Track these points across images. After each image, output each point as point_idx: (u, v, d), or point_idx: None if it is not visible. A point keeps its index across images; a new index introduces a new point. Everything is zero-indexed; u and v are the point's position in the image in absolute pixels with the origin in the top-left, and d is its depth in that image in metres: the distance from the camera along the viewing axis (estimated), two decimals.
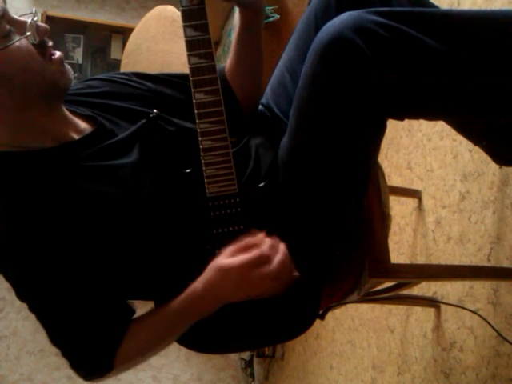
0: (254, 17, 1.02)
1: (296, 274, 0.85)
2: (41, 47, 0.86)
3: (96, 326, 0.89)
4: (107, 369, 0.90)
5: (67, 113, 0.93)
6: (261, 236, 0.84)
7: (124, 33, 3.31)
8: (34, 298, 0.89)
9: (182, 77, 1.07)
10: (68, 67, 0.90)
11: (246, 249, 0.83)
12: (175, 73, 1.09)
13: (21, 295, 0.89)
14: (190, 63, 0.87)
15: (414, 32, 0.79)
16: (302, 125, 0.88)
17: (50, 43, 0.88)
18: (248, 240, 0.84)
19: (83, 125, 0.95)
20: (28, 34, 0.84)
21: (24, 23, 0.85)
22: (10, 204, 0.87)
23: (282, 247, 0.83)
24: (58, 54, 0.88)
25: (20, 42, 0.83)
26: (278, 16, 2.25)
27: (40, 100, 0.87)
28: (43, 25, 0.86)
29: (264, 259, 0.82)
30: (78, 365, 0.90)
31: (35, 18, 0.85)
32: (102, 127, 0.94)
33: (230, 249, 0.85)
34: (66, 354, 0.90)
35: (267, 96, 1.15)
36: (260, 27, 1.05)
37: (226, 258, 0.84)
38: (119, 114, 0.98)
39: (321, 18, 1.03)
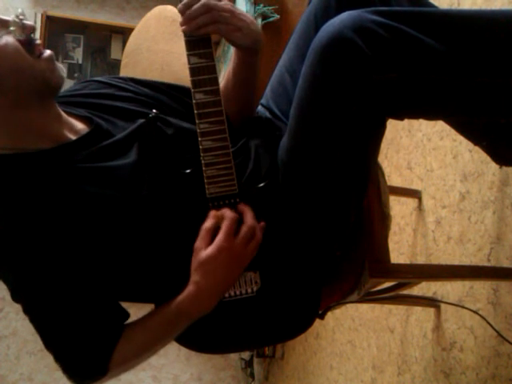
0: (251, 57, 0.99)
1: (262, 223, 0.90)
2: (28, 45, 0.85)
3: (91, 329, 0.89)
4: (101, 373, 0.89)
5: (63, 113, 0.93)
6: (216, 212, 0.88)
7: (124, 33, 3.31)
8: (29, 300, 0.88)
9: (181, 91, 1.06)
10: (59, 65, 0.89)
11: (213, 230, 0.87)
12: (174, 84, 1.09)
13: (16, 296, 0.89)
14: (189, 63, 0.87)
15: (413, 32, 0.79)
16: (302, 125, 0.88)
17: (38, 41, 0.87)
18: (209, 222, 0.88)
19: (80, 125, 0.94)
20: (12, 29, 0.84)
21: (8, 22, 0.85)
22: (6, 206, 0.86)
23: (241, 206, 0.89)
24: (47, 52, 0.87)
25: (6, 39, 0.83)
26: (278, 16, 2.25)
27: (32, 99, 0.86)
28: (29, 22, 0.86)
29: (234, 225, 0.87)
30: (71, 369, 0.90)
31: (20, 17, 0.85)
32: (98, 127, 0.94)
33: (199, 241, 0.87)
34: (59, 357, 0.90)
35: (267, 96, 1.15)
36: (256, 65, 1.02)
37: (202, 250, 0.86)
38: (116, 113, 0.98)
39: (321, 17, 1.03)
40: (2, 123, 0.86)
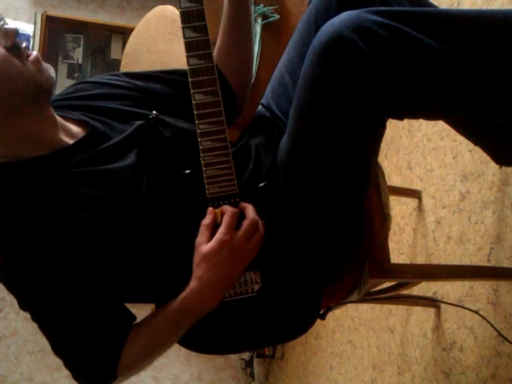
0: None
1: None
2: (15, 50, 0.84)
3: (97, 334, 0.89)
4: (111, 377, 0.90)
5: (58, 117, 0.92)
6: (215, 209, 0.88)
7: (124, 33, 3.31)
8: (35, 308, 0.88)
9: (175, 72, 1.07)
10: (47, 65, 0.88)
11: (211, 225, 0.87)
12: (166, 69, 1.09)
13: (23, 305, 0.89)
14: (189, 64, 0.87)
15: (413, 32, 0.79)
16: (302, 125, 0.88)
17: (24, 44, 0.86)
18: (207, 218, 0.88)
19: (76, 129, 0.94)
20: None
21: None
22: (7, 215, 0.86)
23: (242, 203, 0.89)
24: (34, 54, 0.86)
25: None
26: (278, 16, 2.24)
27: (27, 105, 0.85)
28: (11, 27, 0.84)
29: (234, 219, 0.87)
30: (81, 375, 0.90)
31: (1, 22, 0.84)
32: (94, 131, 0.93)
33: (199, 237, 0.87)
34: (69, 364, 0.90)
35: (267, 96, 1.15)
36: (248, 5, 1.03)
37: (203, 245, 0.86)
38: (112, 115, 0.97)
39: (321, 17, 1.03)
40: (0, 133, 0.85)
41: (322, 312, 1.04)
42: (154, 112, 0.95)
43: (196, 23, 0.86)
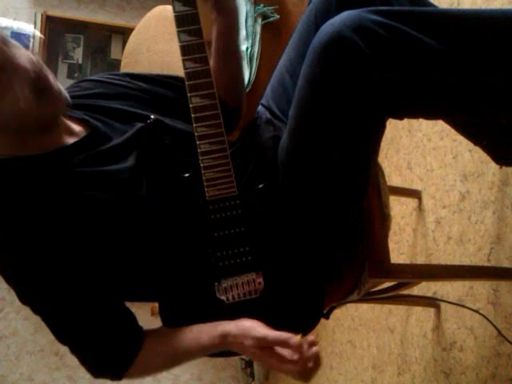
0: (230, 21, 1.01)
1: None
2: (39, 93, 0.81)
3: (113, 331, 0.90)
4: (123, 369, 0.91)
5: (59, 117, 0.92)
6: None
7: (124, 33, 3.31)
8: (37, 302, 0.89)
9: (175, 78, 1.07)
10: (62, 90, 0.86)
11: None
12: (168, 74, 1.09)
13: (23, 298, 0.89)
14: (185, 68, 0.87)
15: (413, 31, 0.79)
16: (302, 125, 0.88)
17: (51, 81, 0.83)
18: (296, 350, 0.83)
19: (77, 128, 0.94)
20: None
21: (27, 70, 0.80)
22: (7, 211, 0.86)
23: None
24: (62, 95, 0.84)
25: (20, 92, 0.80)
26: (278, 16, 2.24)
27: (37, 131, 0.86)
28: (47, 72, 0.83)
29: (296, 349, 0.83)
30: (92, 363, 0.92)
31: (38, 65, 0.82)
32: (95, 130, 0.93)
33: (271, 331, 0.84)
34: (77, 351, 0.91)
35: (267, 96, 1.15)
36: (236, 31, 1.03)
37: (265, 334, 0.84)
38: (113, 115, 0.97)
39: (321, 17, 1.03)
40: (3, 141, 0.86)
41: (325, 311, 1.04)
42: (153, 116, 0.95)
43: (190, 27, 0.86)
